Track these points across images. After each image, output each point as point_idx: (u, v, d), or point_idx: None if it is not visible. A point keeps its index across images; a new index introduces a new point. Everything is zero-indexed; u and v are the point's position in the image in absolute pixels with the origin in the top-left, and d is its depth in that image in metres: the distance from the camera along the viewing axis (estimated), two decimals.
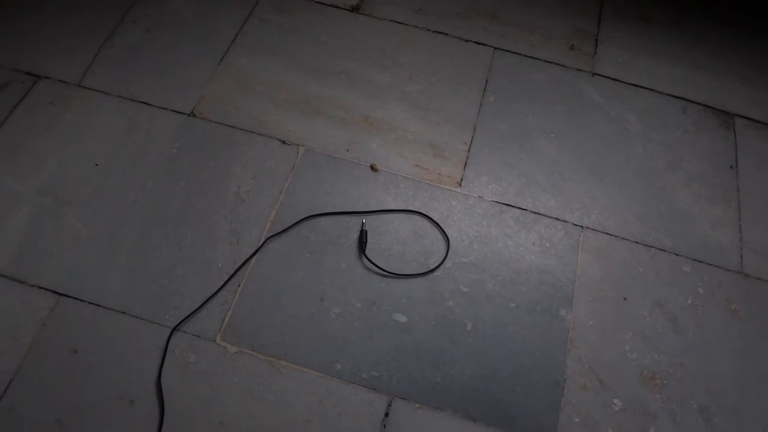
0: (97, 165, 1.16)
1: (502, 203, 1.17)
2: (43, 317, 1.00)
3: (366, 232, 1.10)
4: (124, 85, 1.26)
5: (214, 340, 1.00)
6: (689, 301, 1.10)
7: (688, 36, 1.47)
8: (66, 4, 1.36)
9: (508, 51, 1.38)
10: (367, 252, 1.09)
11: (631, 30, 1.46)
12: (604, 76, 1.37)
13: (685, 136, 1.30)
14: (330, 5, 1.43)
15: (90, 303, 1.02)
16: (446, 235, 1.12)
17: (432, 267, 1.09)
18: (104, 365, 0.97)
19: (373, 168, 1.18)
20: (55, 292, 1.03)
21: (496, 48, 1.38)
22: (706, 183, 1.24)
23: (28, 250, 1.06)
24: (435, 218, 1.14)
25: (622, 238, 1.15)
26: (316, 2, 1.43)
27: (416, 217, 1.14)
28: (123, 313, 1.01)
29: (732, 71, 1.41)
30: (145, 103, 1.24)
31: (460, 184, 1.19)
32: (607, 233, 1.16)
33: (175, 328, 1.00)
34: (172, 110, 1.23)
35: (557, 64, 1.38)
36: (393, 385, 0.98)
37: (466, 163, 1.21)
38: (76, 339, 0.99)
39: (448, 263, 1.10)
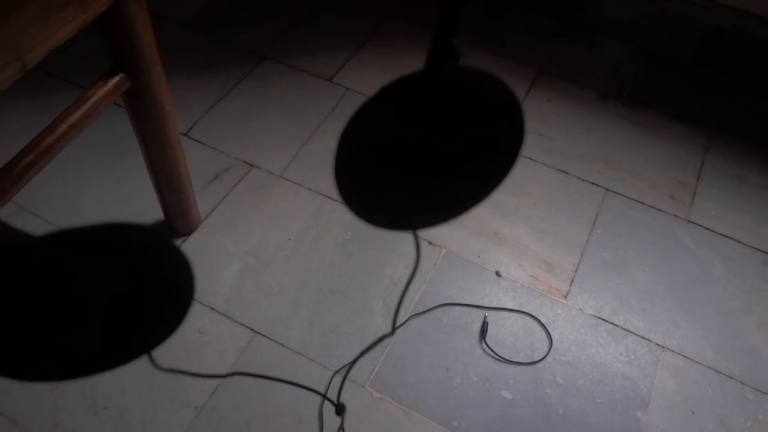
0: (290, 239, 1.54)
1: (598, 317, 1.45)
2: (242, 346, 1.37)
3: (488, 323, 1.41)
4: (314, 180, 1.66)
5: (364, 386, 1.32)
6: (749, 424, 1.31)
7: None
8: (279, 116, 1.81)
9: (617, 193, 1.69)
10: (486, 339, 1.39)
11: (727, 187, 1.74)
12: (698, 224, 1.64)
13: (763, 285, 1.54)
14: None
15: (276, 342, 1.37)
16: (550, 335, 1.41)
17: (536, 359, 1.37)
18: (282, 390, 1.31)
19: (497, 274, 1.50)
20: (251, 329, 1.39)
21: (607, 190, 1.69)
22: None
23: (235, 295, 1.44)
24: (543, 321, 1.43)
25: (697, 362, 1.40)
26: None
27: (527, 318, 1.44)
28: (300, 354, 1.36)
29: None
30: (328, 197, 1.63)
31: (566, 297, 1.48)
32: (684, 356, 1.40)
33: (336, 372, 1.33)
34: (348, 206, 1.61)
35: (658, 209, 1.67)
36: None
37: (572, 281, 1.51)
38: (264, 366, 1.34)
39: (549, 358, 1.38)
